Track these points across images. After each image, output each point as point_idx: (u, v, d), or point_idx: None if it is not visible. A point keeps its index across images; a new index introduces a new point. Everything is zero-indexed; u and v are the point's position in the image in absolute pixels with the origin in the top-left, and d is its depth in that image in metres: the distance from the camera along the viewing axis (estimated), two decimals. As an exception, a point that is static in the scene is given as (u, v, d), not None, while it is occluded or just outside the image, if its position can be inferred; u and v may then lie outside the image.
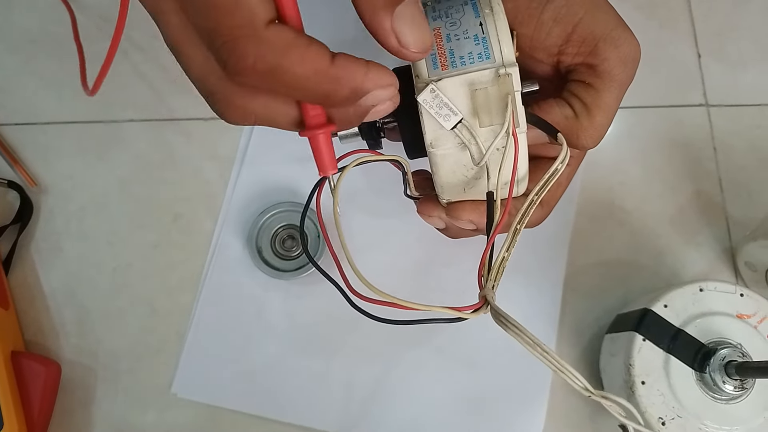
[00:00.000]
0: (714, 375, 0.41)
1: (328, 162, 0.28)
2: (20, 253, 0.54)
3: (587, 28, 0.33)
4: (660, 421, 0.41)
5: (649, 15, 0.60)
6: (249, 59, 0.23)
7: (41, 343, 0.53)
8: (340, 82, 0.24)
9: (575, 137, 0.34)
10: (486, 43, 0.31)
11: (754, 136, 0.57)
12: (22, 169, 0.56)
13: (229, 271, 0.53)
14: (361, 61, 0.25)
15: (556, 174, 0.32)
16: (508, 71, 0.30)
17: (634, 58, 0.34)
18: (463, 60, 0.31)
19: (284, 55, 0.23)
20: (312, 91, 0.25)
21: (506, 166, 0.32)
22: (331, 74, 0.24)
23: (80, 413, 0.51)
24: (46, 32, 0.60)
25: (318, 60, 0.24)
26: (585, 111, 0.34)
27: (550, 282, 0.53)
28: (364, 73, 0.25)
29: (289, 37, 0.23)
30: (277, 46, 0.23)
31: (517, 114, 0.30)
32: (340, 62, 0.24)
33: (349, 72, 0.24)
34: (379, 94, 0.26)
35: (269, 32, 0.23)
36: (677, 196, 0.55)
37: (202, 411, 0.51)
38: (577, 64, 0.34)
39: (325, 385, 0.51)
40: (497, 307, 0.28)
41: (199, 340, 0.52)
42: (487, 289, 0.29)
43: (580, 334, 0.52)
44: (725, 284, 0.44)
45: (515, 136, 0.31)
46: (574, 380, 0.28)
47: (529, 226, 0.37)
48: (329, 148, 0.28)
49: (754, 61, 0.59)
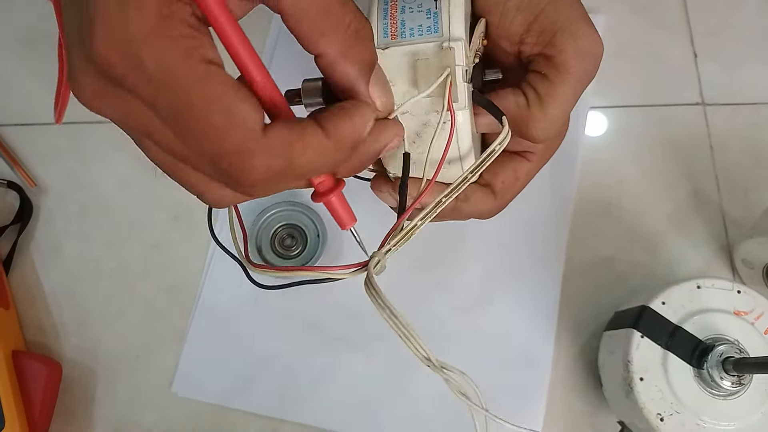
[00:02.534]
0: (712, 371, 0.41)
1: (346, 218, 0.29)
2: (20, 253, 0.54)
3: (548, 19, 0.33)
4: (658, 417, 0.42)
5: (645, 15, 0.60)
6: (258, 173, 0.23)
7: (42, 343, 0.53)
8: (342, 148, 0.25)
9: (525, 127, 0.34)
10: (437, 18, 0.31)
11: (750, 135, 0.57)
12: (21, 170, 0.56)
13: (229, 271, 0.54)
14: (355, 119, 0.25)
15: (493, 154, 0.31)
16: (451, 45, 0.30)
17: (593, 54, 0.33)
18: (412, 31, 0.31)
19: (288, 153, 0.23)
20: (320, 169, 0.26)
21: (440, 140, 0.31)
22: (332, 146, 0.24)
23: (81, 412, 0.51)
24: (46, 33, 0.60)
25: (317, 140, 0.24)
26: (538, 101, 0.33)
27: (549, 280, 0.53)
28: (361, 132, 0.26)
29: (286, 133, 0.23)
30: (279, 148, 0.23)
31: (456, 88, 0.30)
32: (334, 129, 0.25)
33: (347, 134, 0.25)
34: (384, 142, 0.28)
35: (268, 139, 0.23)
36: (674, 194, 0.56)
37: (202, 410, 0.51)
38: (536, 54, 0.34)
39: (324, 383, 0.51)
40: (372, 273, 0.28)
41: (199, 339, 0.52)
42: (379, 252, 0.28)
43: (579, 332, 0.52)
44: (722, 281, 0.45)
45: (451, 110, 0.30)
46: (418, 349, 0.28)
47: (481, 217, 0.37)
48: (344, 205, 0.28)
49: (750, 60, 0.59)
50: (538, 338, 0.52)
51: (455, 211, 0.36)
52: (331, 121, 0.25)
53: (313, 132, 0.24)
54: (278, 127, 0.23)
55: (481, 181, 0.37)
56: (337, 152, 0.25)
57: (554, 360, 0.52)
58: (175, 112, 0.22)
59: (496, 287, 0.53)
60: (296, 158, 0.24)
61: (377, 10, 0.32)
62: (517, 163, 0.37)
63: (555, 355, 0.52)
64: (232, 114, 0.22)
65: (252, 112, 0.23)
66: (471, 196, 0.36)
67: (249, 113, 0.23)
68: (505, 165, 0.37)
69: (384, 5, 0.32)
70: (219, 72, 0.22)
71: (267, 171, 0.23)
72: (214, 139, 0.23)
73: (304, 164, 0.24)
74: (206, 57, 0.22)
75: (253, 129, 0.23)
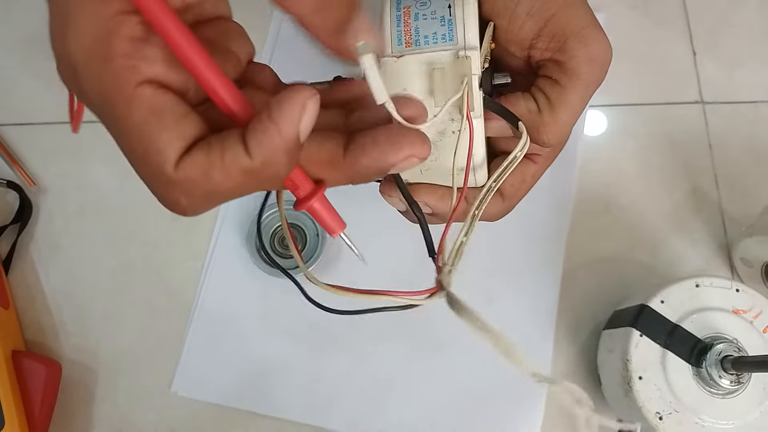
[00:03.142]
0: (710, 370, 0.41)
1: (333, 223, 0.27)
2: (20, 253, 0.54)
3: (558, 24, 0.33)
4: (657, 416, 0.42)
5: (644, 13, 0.60)
6: (180, 205, 0.22)
7: (42, 343, 0.53)
8: (275, 162, 0.22)
9: (536, 132, 0.34)
10: (451, 26, 0.31)
11: (749, 133, 0.57)
12: (21, 169, 0.56)
13: (229, 270, 0.54)
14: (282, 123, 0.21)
15: (515, 162, 0.31)
16: (467, 54, 0.30)
17: (603, 59, 0.33)
18: (426, 39, 0.31)
19: (206, 183, 0.22)
20: (252, 189, 0.23)
21: (461, 150, 0.31)
22: (258, 167, 0.22)
23: (81, 412, 0.51)
24: (46, 33, 0.60)
25: (236, 163, 0.21)
26: (548, 107, 0.33)
27: (548, 279, 0.53)
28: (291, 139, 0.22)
29: (202, 162, 0.21)
30: (196, 180, 0.21)
31: (472, 97, 0.30)
32: (257, 146, 0.21)
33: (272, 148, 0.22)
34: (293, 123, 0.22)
35: (181, 172, 0.21)
36: (673, 192, 0.56)
37: (202, 409, 0.51)
38: (546, 59, 0.34)
39: (324, 383, 0.51)
40: (453, 293, 0.28)
41: (199, 338, 0.52)
42: (443, 273, 0.28)
43: (578, 331, 0.52)
44: (721, 280, 0.45)
45: (470, 120, 0.30)
46: (525, 365, 0.28)
47: (490, 220, 0.37)
48: (329, 210, 0.26)
49: (749, 58, 0.59)
50: (538, 337, 0.52)
51: (467, 215, 0.36)
52: (253, 134, 0.21)
53: (233, 153, 0.21)
54: (195, 155, 0.21)
55: None
56: (268, 168, 0.22)
57: (553, 358, 0.52)
58: (114, 136, 0.22)
59: (496, 286, 0.53)
60: (220, 185, 0.22)
61: (390, 17, 0.32)
62: (524, 165, 0.37)
63: (554, 353, 0.52)
64: (149, 144, 0.21)
65: (170, 142, 0.21)
66: None
67: (166, 144, 0.21)
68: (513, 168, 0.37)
69: (397, 12, 0.32)
70: (149, 95, 0.21)
71: (190, 201, 0.22)
72: (140, 168, 0.22)
73: (230, 188, 0.22)
74: (142, 77, 0.21)
75: (165, 163, 0.21)
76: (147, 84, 0.21)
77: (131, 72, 0.21)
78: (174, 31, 0.20)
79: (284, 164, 0.22)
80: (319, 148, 0.24)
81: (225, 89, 0.22)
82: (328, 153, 0.24)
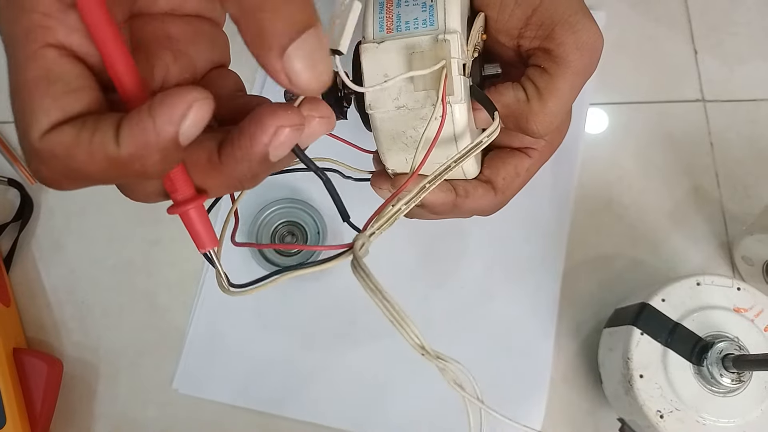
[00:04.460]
0: (711, 368, 0.41)
1: (205, 237, 0.25)
2: (21, 250, 0.55)
3: (546, 12, 0.33)
4: (658, 414, 0.42)
5: (646, 11, 0.60)
6: (41, 175, 0.22)
7: (43, 340, 0.53)
8: (147, 153, 0.20)
9: (525, 121, 0.33)
10: (432, 11, 0.31)
11: (750, 131, 0.57)
12: (22, 167, 0.56)
13: (231, 267, 0.54)
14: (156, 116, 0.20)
15: (480, 146, 0.30)
16: (446, 37, 0.30)
17: (592, 47, 0.32)
18: (408, 25, 0.31)
19: (68, 160, 0.20)
20: (129, 179, 0.22)
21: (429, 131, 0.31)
22: (126, 157, 0.20)
23: (82, 409, 0.52)
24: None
25: (103, 147, 0.20)
26: (537, 96, 0.33)
27: (549, 277, 0.53)
28: (167, 130, 0.20)
29: (68, 139, 0.20)
30: (56, 154, 0.20)
31: (451, 81, 0.29)
32: (128, 132, 0.20)
33: (143, 137, 0.20)
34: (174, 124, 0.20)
35: (43, 143, 0.20)
36: (674, 191, 0.56)
37: (203, 407, 0.51)
38: (535, 48, 0.33)
39: (325, 380, 0.51)
40: (359, 256, 0.26)
41: (200, 336, 0.52)
42: (363, 234, 0.27)
43: (579, 329, 0.52)
44: (722, 278, 0.45)
45: (444, 102, 0.30)
46: (411, 336, 0.27)
47: (482, 214, 0.37)
48: (204, 222, 0.25)
49: (750, 56, 0.59)
50: (538, 335, 0.52)
51: (456, 207, 0.36)
52: (127, 124, 0.20)
53: (102, 138, 0.20)
54: (64, 129, 0.20)
55: (482, 177, 0.37)
56: (135, 162, 0.20)
57: (554, 357, 0.52)
58: (8, 82, 0.21)
59: (497, 283, 0.53)
60: (83, 166, 0.20)
61: (373, 3, 0.32)
62: (518, 159, 0.37)
63: (555, 351, 0.52)
64: (27, 105, 0.21)
65: (46, 110, 0.20)
66: (472, 193, 0.36)
67: (41, 111, 0.20)
68: (506, 161, 0.37)
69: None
70: (50, 59, 0.21)
71: (51, 175, 0.21)
72: (16, 125, 0.21)
73: (95, 173, 0.21)
74: (51, 39, 0.20)
75: (32, 129, 0.20)
76: (53, 48, 0.21)
77: (42, 31, 0.20)
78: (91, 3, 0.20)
79: (155, 162, 0.20)
80: (197, 147, 0.22)
81: (124, 69, 0.21)
82: (206, 152, 0.22)
